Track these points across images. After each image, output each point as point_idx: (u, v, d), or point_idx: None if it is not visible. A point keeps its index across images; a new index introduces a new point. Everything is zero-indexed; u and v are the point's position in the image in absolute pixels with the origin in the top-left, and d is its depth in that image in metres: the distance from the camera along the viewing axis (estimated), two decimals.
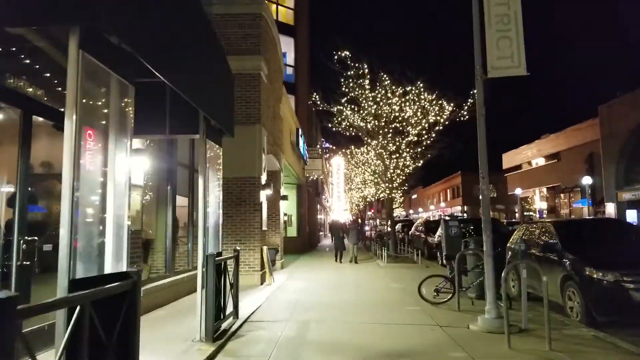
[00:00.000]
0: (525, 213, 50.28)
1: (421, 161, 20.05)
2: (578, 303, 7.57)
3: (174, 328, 6.44)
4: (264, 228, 11.87)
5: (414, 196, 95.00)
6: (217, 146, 7.10)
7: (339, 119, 18.88)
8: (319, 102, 19.15)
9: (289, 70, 27.91)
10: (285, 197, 15.84)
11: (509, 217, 58.55)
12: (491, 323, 6.86)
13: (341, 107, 18.90)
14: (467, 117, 17.79)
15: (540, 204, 48.97)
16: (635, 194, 28.90)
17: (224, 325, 6.47)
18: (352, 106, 18.98)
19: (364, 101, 18.32)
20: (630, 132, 28.82)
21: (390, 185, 19.23)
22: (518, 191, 47.66)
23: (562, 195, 43.86)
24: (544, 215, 44.53)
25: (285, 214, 24.44)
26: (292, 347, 5.81)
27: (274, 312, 7.98)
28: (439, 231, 18.25)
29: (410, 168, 19.99)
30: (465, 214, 63.45)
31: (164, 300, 8.21)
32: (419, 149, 18.84)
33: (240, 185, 11.54)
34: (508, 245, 10.91)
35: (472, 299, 8.68)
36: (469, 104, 17.38)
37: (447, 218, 14.37)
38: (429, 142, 18.46)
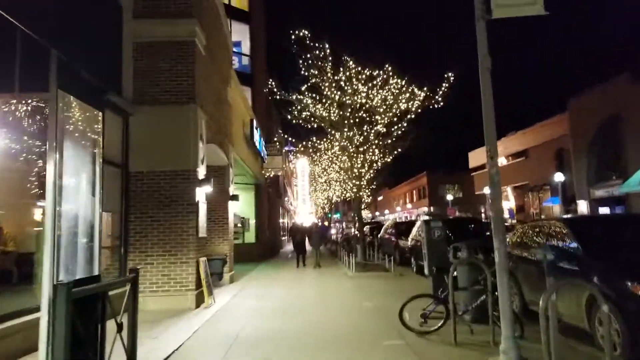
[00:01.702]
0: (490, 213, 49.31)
1: (390, 156, 17.96)
2: (617, 331, 5.53)
3: None
4: (202, 235, 9.41)
5: (380, 198, 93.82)
6: (96, 112, 4.64)
7: (299, 107, 16.55)
8: (275, 90, 16.77)
9: (245, 61, 25.41)
10: (235, 197, 13.39)
11: None
12: None
13: (300, 97, 16.59)
14: (441, 104, 15.85)
15: (508, 203, 48.20)
16: (607, 191, 27.92)
17: None
18: (314, 95, 16.72)
19: (326, 88, 16.10)
20: (600, 126, 27.89)
21: (357, 183, 17.05)
22: (487, 190, 46.61)
23: (530, 194, 43.13)
24: (514, 215, 43.70)
25: (242, 218, 21.97)
26: None
27: (198, 358, 5.57)
28: (412, 234, 16.26)
29: (379, 163, 17.89)
30: (429, 216, 62.40)
31: None
32: (389, 141, 16.74)
33: (170, 181, 9.03)
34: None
35: (469, 325, 6.52)
36: (443, 88, 15.45)
37: (428, 218, 12.31)
38: (399, 132, 16.39)
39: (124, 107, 8.65)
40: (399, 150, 17.81)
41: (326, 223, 42.20)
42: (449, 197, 60.90)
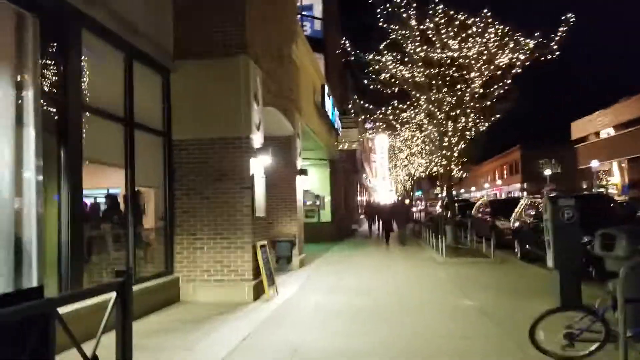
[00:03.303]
0: (596, 190, 43.50)
1: (487, 123, 15.21)
2: None
3: None
4: (260, 214, 7.80)
5: (465, 174, 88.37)
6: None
7: (376, 67, 14.34)
8: (349, 49, 14.72)
9: (317, 26, 23.48)
10: (303, 172, 11.72)
11: None
12: None
13: (378, 57, 14.36)
14: (557, 53, 12.79)
15: (612, 179, 42.23)
16: None
17: None
18: (394, 53, 14.43)
19: (410, 43, 13.71)
20: None
21: (448, 154, 14.56)
22: (594, 163, 40.82)
23: None
24: (628, 191, 38.05)
25: (316, 196, 20.47)
26: None
27: None
28: (516, 213, 13.61)
29: (473, 132, 15.23)
30: (525, 192, 57.17)
31: None
32: (487, 102, 13.99)
33: (219, 150, 7.47)
34: None
35: None
36: (560, 33, 12.41)
37: (555, 194, 9.75)
38: (501, 92, 13.60)
39: (162, 61, 7.17)
40: (497, 116, 15.05)
41: (407, 201, 39.61)
42: (547, 172, 55.08)
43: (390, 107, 15.63)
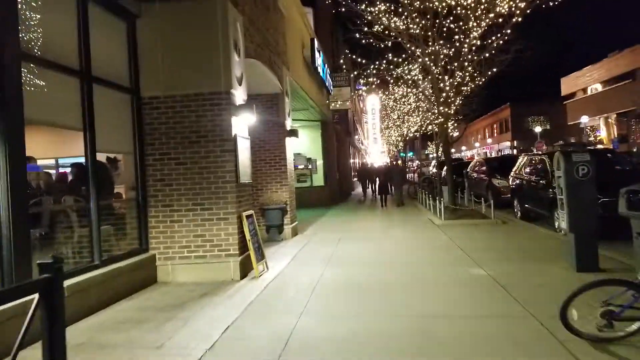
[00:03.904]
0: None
1: (483, 78, 14.26)
2: None
3: None
4: (244, 180, 6.96)
5: (456, 133, 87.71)
6: None
7: (369, 18, 13.19)
8: None
9: None
10: (293, 133, 10.82)
11: None
12: None
13: (371, 8, 13.19)
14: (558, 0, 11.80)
15: (603, 132, 41.83)
16: None
17: None
18: (387, 4, 13.28)
19: None
20: None
21: (445, 110, 13.67)
22: (584, 119, 40.16)
23: (635, 121, 36.82)
24: (618, 146, 37.72)
25: (308, 159, 19.66)
26: None
27: None
28: (515, 171, 12.92)
29: (470, 86, 14.31)
30: (515, 149, 56.98)
31: None
32: (486, 54, 13.00)
33: (196, 108, 6.54)
34: None
35: None
36: None
37: (569, 149, 9.01)
38: (501, 42, 12.60)
39: (125, 3, 6.11)
40: (494, 70, 14.11)
41: (399, 162, 38.92)
42: (538, 129, 54.57)
43: (384, 62, 14.57)
